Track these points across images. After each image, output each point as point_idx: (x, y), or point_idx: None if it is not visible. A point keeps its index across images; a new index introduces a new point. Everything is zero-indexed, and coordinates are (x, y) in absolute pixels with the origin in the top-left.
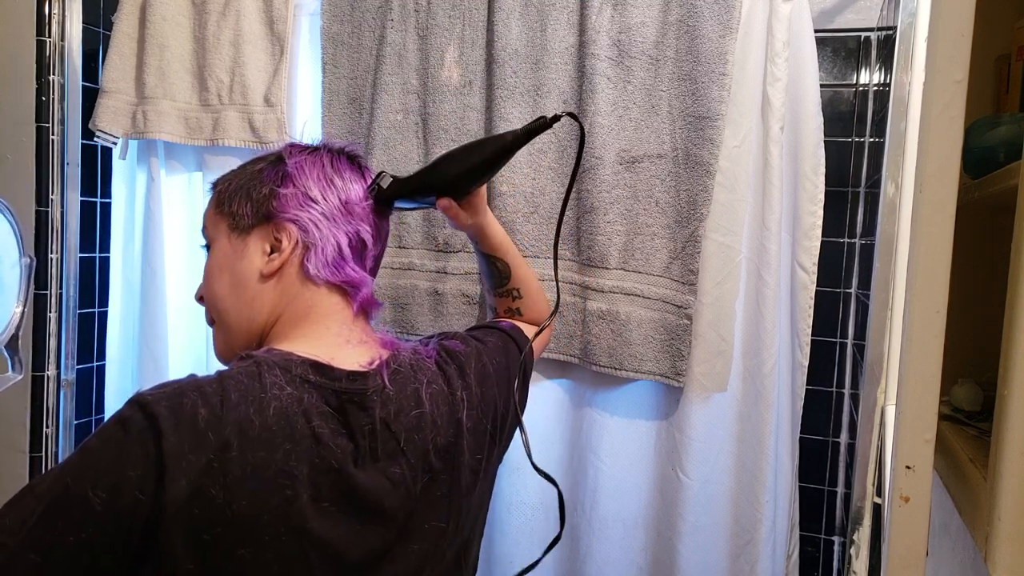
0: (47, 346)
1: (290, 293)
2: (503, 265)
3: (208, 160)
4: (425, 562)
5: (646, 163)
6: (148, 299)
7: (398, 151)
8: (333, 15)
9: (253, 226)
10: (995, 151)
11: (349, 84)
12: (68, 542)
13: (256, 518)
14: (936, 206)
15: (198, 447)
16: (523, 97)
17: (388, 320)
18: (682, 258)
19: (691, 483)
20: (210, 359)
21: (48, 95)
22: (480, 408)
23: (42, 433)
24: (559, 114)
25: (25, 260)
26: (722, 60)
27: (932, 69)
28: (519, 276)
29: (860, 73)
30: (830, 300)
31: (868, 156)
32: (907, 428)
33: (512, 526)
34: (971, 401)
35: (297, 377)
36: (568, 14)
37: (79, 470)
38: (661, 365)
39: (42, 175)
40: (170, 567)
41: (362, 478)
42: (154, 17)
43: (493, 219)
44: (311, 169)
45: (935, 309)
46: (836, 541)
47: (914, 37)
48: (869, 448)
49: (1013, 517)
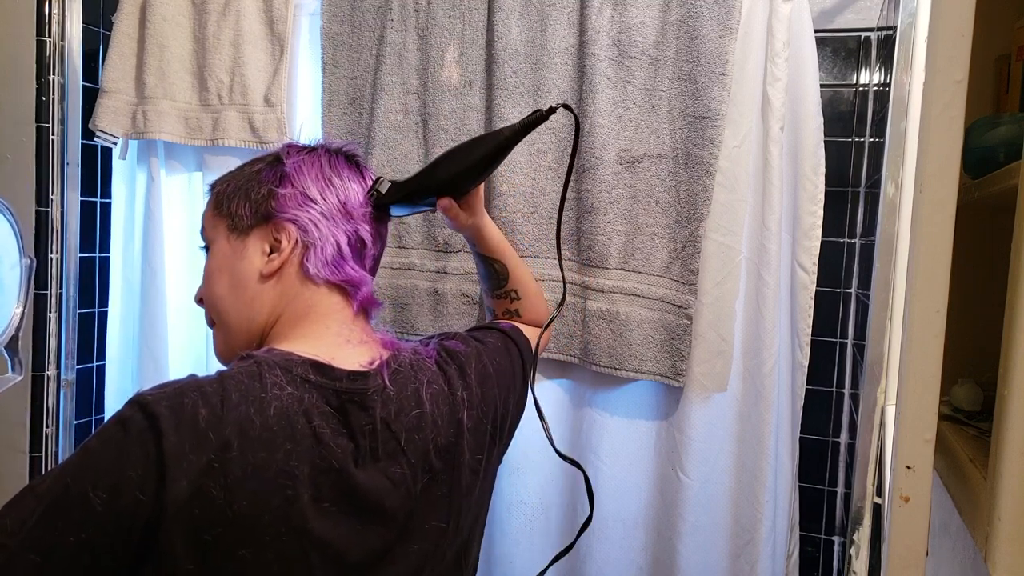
0: (47, 346)
1: (290, 293)
2: (501, 267)
3: (208, 160)
4: (425, 562)
5: (646, 163)
6: (148, 299)
7: (398, 151)
8: (333, 15)
9: (252, 226)
10: (995, 151)
11: (349, 84)
12: (68, 542)
13: (257, 518)
14: (936, 206)
15: (199, 447)
16: (523, 97)
17: (388, 320)
18: (682, 258)
19: (691, 483)
20: (210, 359)
21: (48, 95)
22: (480, 408)
23: (42, 433)
24: (554, 106)
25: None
26: (722, 60)
27: (932, 69)
28: (517, 277)
29: (860, 73)
30: (830, 300)
31: (868, 156)
32: (907, 428)
33: (512, 526)
34: (971, 401)
35: (298, 377)
36: (568, 14)
37: (79, 470)
38: (661, 365)
39: (42, 175)
40: (170, 567)
41: (363, 478)
42: (154, 17)
43: (490, 220)
44: (309, 169)
45: (935, 309)
46: (836, 541)
47: (914, 37)
48: (869, 448)
49: (1013, 517)
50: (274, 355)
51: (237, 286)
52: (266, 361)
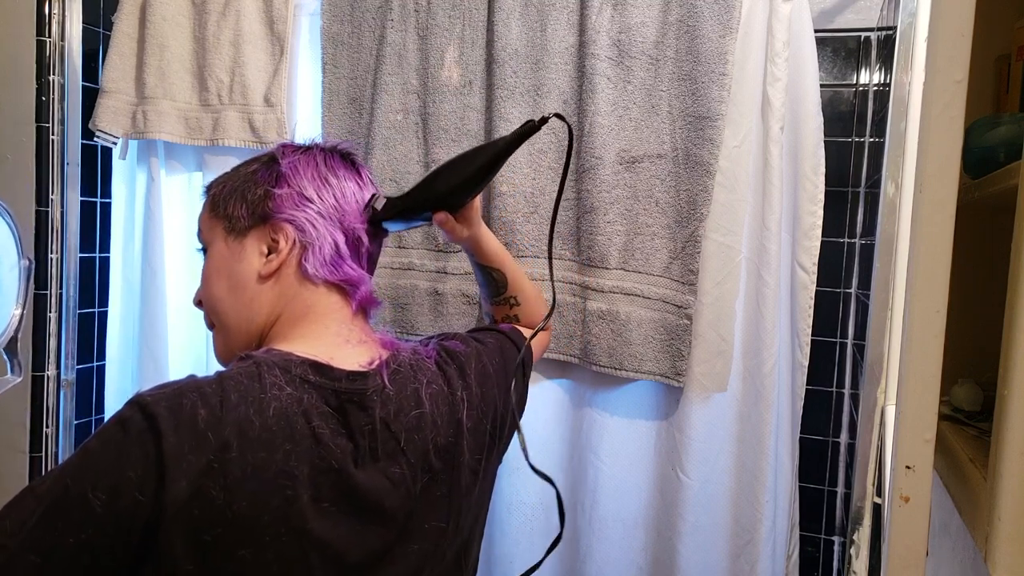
0: (47, 346)
1: (288, 293)
2: (499, 274)
3: (208, 160)
4: (425, 562)
5: (646, 163)
6: (148, 299)
7: (398, 151)
8: (333, 15)
9: (249, 228)
10: (995, 151)
11: (349, 84)
12: (68, 543)
13: (256, 519)
14: (936, 206)
15: (198, 448)
16: (523, 97)
17: (388, 320)
18: (682, 258)
19: (691, 483)
20: (210, 359)
21: (48, 95)
22: (480, 408)
23: (42, 433)
24: (547, 116)
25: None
26: (722, 60)
27: (932, 69)
28: (516, 284)
29: (860, 73)
30: (830, 300)
31: (868, 156)
32: (907, 428)
33: (512, 526)
34: (971, 401)
35: (297, 377)
36: (568, 14)
37: (79, 471)
38: (661, 365)
39: (42, 175)
40: (170, 568)
41: (362, 478)
42: (154, 17)
43: (487, 229)
44: (305, 169)
45: (935, 309)
46: (836, 541)
47: (914, 37)
48: (869, 448)
49: (1013, 517)
50: (273, 355)
51: (236, 288)
52: (265, 361)
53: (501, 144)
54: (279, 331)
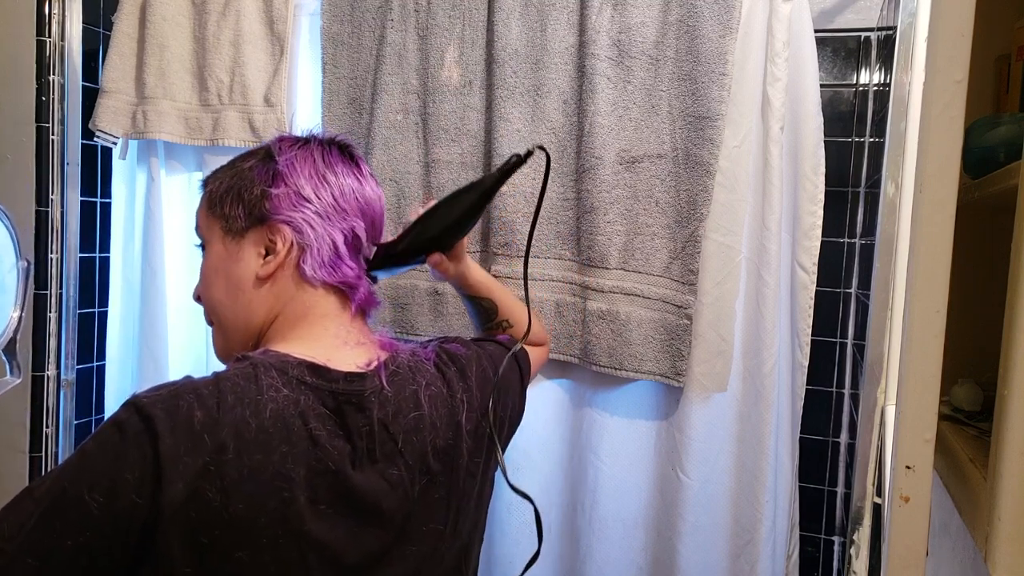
0: (47, 346)
1: (286, 295)
2: (489, 303)
3: (208, 160)
4: (423, 564)
5: (646, 163)
6: (148, 299)
7: (398, 151)
8: (333, 15)
9: (247, 229)
10: (995, 151)
11: (349, 84)
12: (66, 545)
13: (253, 520)
14: (936, 206)
15: (194, 450)
16: (523, 97)
17: (388, 320)
18: (682, 258)
19: (691, 483)
20: (210, 359)
21: (48, 95)
22: (480, 411)
23: (42, 433)
24: (531, 149)
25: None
26: (722, 60)
27: (932, 69)
28: (506, 308)
29: (860, 73)
30: (830, 300)
31: (868, 156)
32: (907, 428)
33: (512, 526)
34: (971, 401)
35: (294, 379)
36: (568, 14)
37: (76, 473)
38: (661, 365)
39: (42, 175)
40: (167, 569)
41: (360, 480)
42: (154, 17)
43: (472, 262)
44: (302, 166)
45: (935, 309)
46: (836, 541)
47: (914, 37)
48: (869, 448)
49: (1013, 517)
50: (270, 357)
51: (233, 289)
52: (262, 363)
53: (488, 182)
54: (277, 332)
